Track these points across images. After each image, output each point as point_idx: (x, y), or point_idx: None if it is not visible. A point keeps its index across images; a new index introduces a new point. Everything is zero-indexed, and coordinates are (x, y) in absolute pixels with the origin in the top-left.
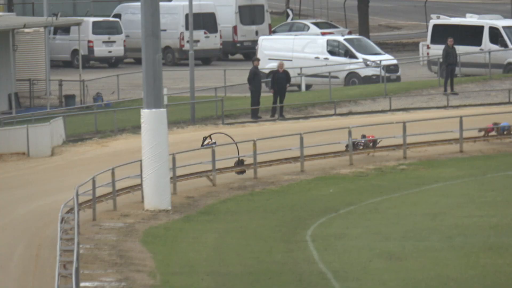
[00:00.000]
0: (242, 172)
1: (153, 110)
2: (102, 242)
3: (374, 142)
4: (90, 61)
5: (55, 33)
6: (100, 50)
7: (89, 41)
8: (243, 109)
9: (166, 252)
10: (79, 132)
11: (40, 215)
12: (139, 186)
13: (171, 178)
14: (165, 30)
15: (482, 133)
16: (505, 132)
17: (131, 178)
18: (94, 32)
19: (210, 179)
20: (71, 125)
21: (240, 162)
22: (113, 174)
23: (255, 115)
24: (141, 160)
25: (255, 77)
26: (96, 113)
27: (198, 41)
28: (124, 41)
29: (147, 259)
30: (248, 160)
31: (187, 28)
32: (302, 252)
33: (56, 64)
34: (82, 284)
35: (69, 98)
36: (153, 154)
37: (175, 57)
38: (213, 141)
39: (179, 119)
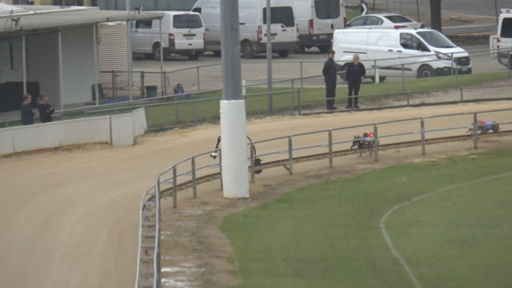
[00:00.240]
0: (259, 171)
1: (232, 101)
2: (182, 228)
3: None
4: (171, 54)
5: (137, 26)
6: (181, 43)
7: (170, 34)
8: (318, 100)
9: (244, 239)
10: (160, 122)
11: (122, 203)
12: (218, 175)
13: (249, 166)
14: (243, 23)
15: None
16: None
17: (211, 166)
18: (175, 26)
19: (287, 167)
20: (152, 116)
21: (257, 162)
22: (193, 163)
23: (330, 106)
24: (220, 149)
25: (330, 69)
26: (176, 103)
27: (275, 34)
28: (204, 34)
29: (226, 246)
30: (323, 150)
31: (264, 22)
32: (376, 238)
33: (138, 57)
34: (163, 270)
35: (151, 89)
36: (232, 144)
37: (253, 49)
38: (215, 151)
39: (257, 109)
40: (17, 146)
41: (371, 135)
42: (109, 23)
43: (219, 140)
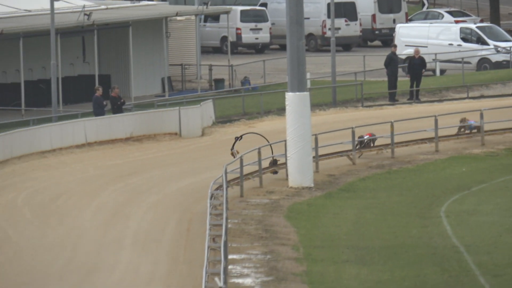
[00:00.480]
0: (275, 172)
1: (297, 93)
2: (249, 217)
3: (372, 140)
4: (238, 47)
5: (205, 21)
6: (248, 37)
7: (237, 29)
8: (381, 93)
9: (308, 227)
10: (227, 113)
11: (190, 192)
12: (283, 165)
13: (313, 157)
14: (308, 18)
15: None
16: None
17: (276, 157)
18: (242, 20)
19: (350, 158)
20: (220, 107)
21: (274, 162)
22: (259, 153)
23: (392, 98)
24: (285, 140)
25: (391, 62)
26: (243, 96)
27: (339, 28)
28: (270, 28)
29: (291, 233)
30: (385, 141)
31: (329, 17)
32: (436, 227)
33: (206, 50)
34: (230, 257)
35: (219, 82)
36: (297, 135)
37: (317, 43)
38: (236, 152)
39: (321, 101)
40: (89, 136)
41: (369, 135)
42: (178, 18)
43: (236, 140)
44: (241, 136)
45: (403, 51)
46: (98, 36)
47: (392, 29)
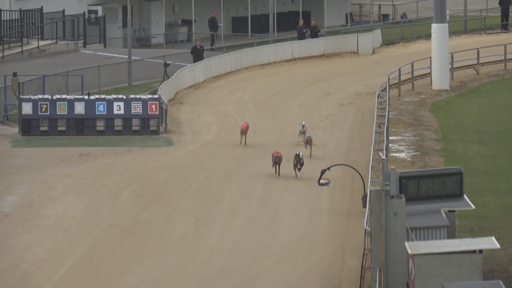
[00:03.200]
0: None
1: (439, 24)
2: (404, 110)
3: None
4: None
5: None
6: None
7: None
8: (498, 24)
9: (445, 117)
10: (390, 38)
11: (364, 93)
12: (429, 74)
13: (450, 69)
14: None
15: None
16: None
17: (424, 69)
18: None
19: (475, 69)
20: (385, 34)
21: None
22: (412, 66)
23: (505, 27)
24: (430, 57)
25: (503, 1)
26: (402, 26)
27: None
28: None
29: (433, 122)
30: (500, 58)
31: None
32: None
33: None
34: (390, 138)
35: (385, 16)
36: (438, 53)
37: None
38: (328, 180)
39: (456, 30)
40: (294, 54)
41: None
42: None
43: (323, 172)
44: (328, 168)
45: None
46: None
47: None
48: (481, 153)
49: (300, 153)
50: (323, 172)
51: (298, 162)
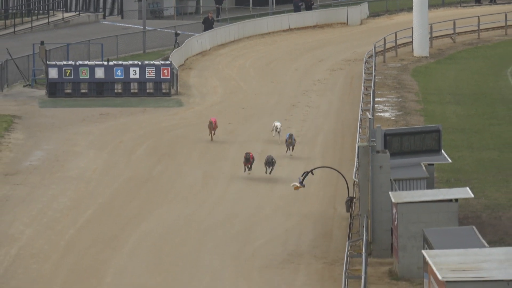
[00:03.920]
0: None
1: None
2: (388, 75)
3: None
4: None
5: None
6: None
7: None
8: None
9: (425, 81)
10: (376, 10)
11: (353, 60)
12: (410, 43)
13: (429, 38)
14: None
15: None
16: None
17: (406, 38)
18: None
19: (452, 38)
20: (372, 7)
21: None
22: (395, 35)
23: (478, 1)
24: (412, 28)
25: None
26: (387, 0)
27: None
28: None
29: (414, 85)
30: (474, 28)
31: None
32: (504, 81)
33: None
34: (376, 99)
35: None
36: (419, 24)
37: None
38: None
39: (435, 3)
40: (291, 24)
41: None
42: None
43: (306, 174)
44: (311, 171)
45: None
46: None
47: None
48: (457, 113)
49: (271, 156)
50: (305, 174)
51: (270, 164)
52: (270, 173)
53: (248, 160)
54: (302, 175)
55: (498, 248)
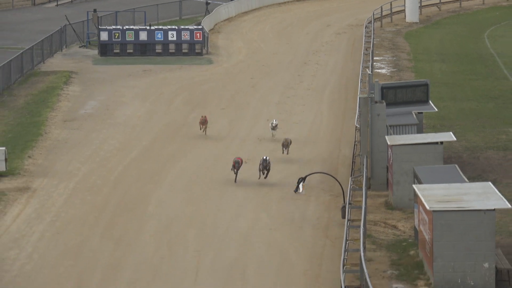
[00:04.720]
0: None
1: None
2: (385, 38)
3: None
4: None
5: None
6: None
7: None
8: None
9: (415, 43)
10: None
11: (355, 25)
12: (403, 10)
13: (419, 6)
14: None
15: None
16: None
17: (399, 6)
18: None
19: (438, 7)
20: None
21: (343, 207)
22: (391, 4)
23: None
24: None
25: None
26: None
27: None
28: None
29: (406, 46)
30: None
31: None
32: (482, 43)
33: None
34: (374, 58)
35: None
36: None
37: None
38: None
39: None
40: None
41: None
42: None
43: (300, 180)
44: (304, 178)
45: None
46: None
47: None
48: (442, 69)
49: (267, 158)
50: (300, 180)
51: (265, 168)
52: (265, 177)
53: (239, 164)
54: (297, 182)
55: (476, 183)
